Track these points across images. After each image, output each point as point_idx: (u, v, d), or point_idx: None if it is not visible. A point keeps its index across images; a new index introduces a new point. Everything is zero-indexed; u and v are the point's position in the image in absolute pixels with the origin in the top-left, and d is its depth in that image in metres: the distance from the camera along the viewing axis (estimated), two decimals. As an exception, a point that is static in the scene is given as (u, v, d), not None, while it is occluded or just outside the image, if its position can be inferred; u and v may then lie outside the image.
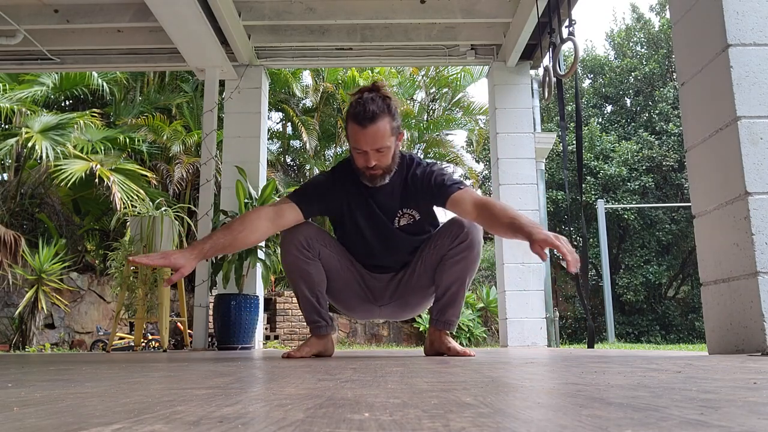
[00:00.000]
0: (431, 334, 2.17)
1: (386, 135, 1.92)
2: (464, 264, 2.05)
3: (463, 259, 2.04)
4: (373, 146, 1.92)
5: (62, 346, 6.80)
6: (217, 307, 4.26)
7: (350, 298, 2.24)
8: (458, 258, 2.04)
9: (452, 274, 2.06)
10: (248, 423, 0.49)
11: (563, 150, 3.86)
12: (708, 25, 2.01)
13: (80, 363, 1.89)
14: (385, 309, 2.30)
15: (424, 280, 2.15)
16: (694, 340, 10.24)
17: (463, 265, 2.05)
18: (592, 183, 11.51)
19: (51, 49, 4.88)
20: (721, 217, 1.93)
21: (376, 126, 1.89)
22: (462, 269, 2.05)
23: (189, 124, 8.59)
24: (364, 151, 1.93)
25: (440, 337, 2.13)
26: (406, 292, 2.20)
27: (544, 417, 0.51)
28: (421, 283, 2.16)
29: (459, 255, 2.04)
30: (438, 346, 2.13)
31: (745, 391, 0.70)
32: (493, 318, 8.91)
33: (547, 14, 3.78)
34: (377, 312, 2.33)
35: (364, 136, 1.91)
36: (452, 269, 2.05)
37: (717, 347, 1.93)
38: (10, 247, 4.34)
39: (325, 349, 2.18)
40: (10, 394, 0.77)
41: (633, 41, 13.91)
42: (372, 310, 2.31)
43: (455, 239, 2.04)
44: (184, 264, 1.78)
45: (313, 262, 2.08)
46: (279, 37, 4.83)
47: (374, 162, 1.94)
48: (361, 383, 0.88)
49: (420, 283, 2.17)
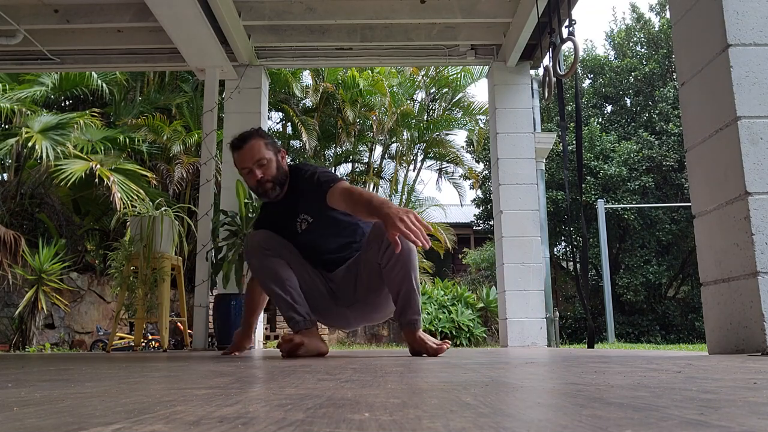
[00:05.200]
0: (406, 336, 2.21)
1: (261, 148, 2.22)
2: (400, 264, 2.10)
3: (397, 261, 2.10)
4: (253, 160, 2.21)
5: (62, 346, 6.80)
6: (217, 307, 4.26)
7: (318, 297, 2.32)
8: (393, 261, 2.10)
9: (395, 278, 2.13)
10: (248, 423, 0.49)
11: (563, 150, 3.86)
12: (708, 25, 2.01)
13: (80, 363, 1.89)
14: (355, 310, 2.38)
15: (376, 281, 2.23)
16: (694, 340, 10.23)
17: (399, 266, 2.10)
18: (592, 183, 11.50)
19: (51, 49, 4.88)
20: (721, 217, 1.93)
21: (249, 144, 2.22)
22: (401, 270, 2.11)
23: (189, 124, 8.59)
24: (250, 168, 2.22)
25: (413, 337, 2.17)
26: (366, 292, 2.29)
27: (544, 417, 0.51)
28: (374, 283, 2.25)
29: (392, 258, 2.10)
30: (416, 347, 2.17)
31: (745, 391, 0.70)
32: (493, 318, 8.90)
33: (547, 14, 3.78)
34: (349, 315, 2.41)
35: (242, 154, 2.23)
36: (392, 273, 2.12)
37: (717, 347, 1.93)
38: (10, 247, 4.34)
39: (315, 346, 2.19)
40: (10, 394, 0.77)
41: (633, 41, 13.90)
42: (343, 313, 2.39)
43: (380, 246, 2.12)
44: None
45: (278, 260, 2.21)
46: (279, 37, 4.83)
47: (260, 174, 2.20)
48: (361, 383, 0.88)
49: (373, 283, 2.25)
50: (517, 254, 4.54)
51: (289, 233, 2.29)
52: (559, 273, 12.79)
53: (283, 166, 2.27)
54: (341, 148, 11.40)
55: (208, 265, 4.26)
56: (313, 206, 2.24)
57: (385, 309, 2.39)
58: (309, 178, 2.23)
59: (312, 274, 2.32)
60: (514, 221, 4.59)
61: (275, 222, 2.32)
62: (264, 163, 2.20)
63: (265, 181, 2.21)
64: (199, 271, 4.25)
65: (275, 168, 2.23)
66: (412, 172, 12.17)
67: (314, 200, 2.22)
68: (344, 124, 10.54)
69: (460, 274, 13.00)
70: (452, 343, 8.19)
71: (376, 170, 11.86)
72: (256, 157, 2.20)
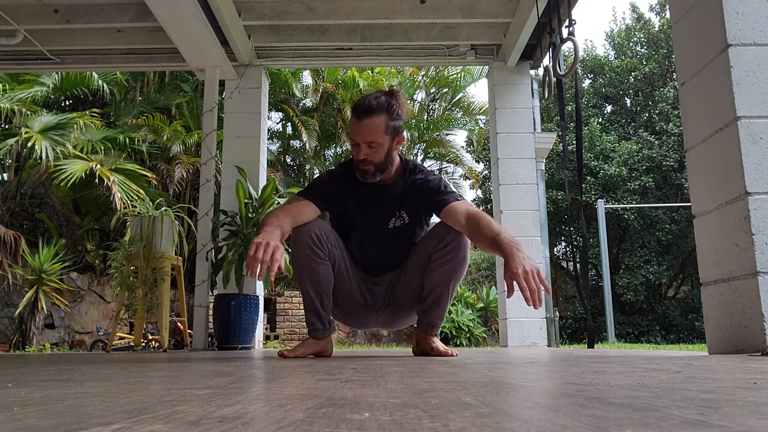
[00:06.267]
0: (417, 335, 2.19)
1: (379, 131, 1.99)
2: (450, 266, 2.05)
3: (449, 261, 2.05)
4: (365, 139, 2.00)
5: (62, 346, 6.80)
6: (217, 307, 4.25)
7: (350, 302, 2.24)
8: (444, 260, 2.05)
9: (438, 276, 2.07)
10: (248, 423, 0.49)
11: (563, 150, 3.86)
12: (708, 25, 2.01)
13: (80, 363, 1.89)
14: (382, 315, 2.30)
15: (415, 282, 2.15)
16: (694, 340, 10.23)
17: (449, 267, 2.05)
18: (592, 183, 11.50)
19: (51, 49, 4.88)
20: (721, 217, 1.93)
21: (370, 120, 1.98)
22: (448, 271, 2.06)
23: (189, 124, 8.59)
24: (357, 143, 2.02)
25: (425, 337, 2.15)
26: (399, 296, 2.21)
27: (544, 417, 0.51)
28: (412, 285, 2.16)
29: (445, 257, 2.04)
30: (423, 347, 2.15)
31: (745, 391, 0.70)
32: (493, 318, 8.90)
33: (547, 14, 3.78)
34: (373, 319, 2.33)
35: (358, 128, 2.00)
36: (438, 271, 2.06)
37: (717, 347, 1.93)
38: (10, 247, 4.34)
39: (324, 350, 2.17)
40: (10, 394, 0.77)
41: (633, 41, 13.90)
42: (368, 317, 2.31)
43: (442, 241, 2.06)
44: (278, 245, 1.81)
45: (323, 263, 2.07)
46: (279, 37, 4.83)
47: (364, 155, 2.01)
48: (361, 383, 0.88)
49: (411, 285, 2.17)
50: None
51: (375, 222, 2.14)
52: (559, 273, 12.78)
53: (394, 154, 2.09)
54: (341, 148, 11.39)
55: (208, 265, 4.26)
56: (418, 209, 2.15)
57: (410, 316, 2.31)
58: (428, 182, 2.10)
59: (354, 279, 2.20)
60: (514, 221, 4.59)
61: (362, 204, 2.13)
62: (374, 147, 2.01)
63: (369, 162, 2.03)
64: (199, 271, 4.25)
65: (384, 154, 2.04)
66: (412, 172, 12.16)
67: (422, 204, 2.13)
68: (344, 124, 10.54)
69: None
70: (452, 343, 8.20)
71: (376, 170, 11.85)
72: (370, 138, 1.99)
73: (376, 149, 2.01)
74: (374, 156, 2.02)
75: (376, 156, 2.02)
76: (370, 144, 2.00)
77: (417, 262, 2.13)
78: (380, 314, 2.29)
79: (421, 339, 2.16)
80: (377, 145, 2.00)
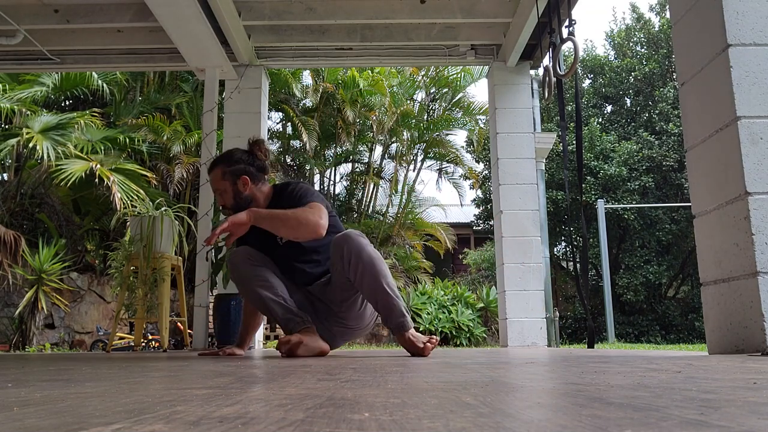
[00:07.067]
0: (397, 339, 2.22)
1: (218, 179, 2.38)
2: (369, 273, 2.13)
3: (364, 271, 2.13)
4: (214, 188, 2.42)
5: (62, 346, 6.80)
6: (217, 307, 4.25)
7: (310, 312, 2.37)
8: (359, 273, 2.14)
9: (368, 289, 2.18)
10: (248, 423, 0.49)
11: (563, 150, 3.86)
12: (708, 25, 2.01)
13: (80, 363, 1.89)
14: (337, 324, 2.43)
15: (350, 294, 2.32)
16: (694, 340, 10.23)
17: (368, 275, 2.14)
18: (592, 183, 11.50)
19: (51, 49, 4.88)
20: (721, 217, 1.93)
21: (211, 174, 2.40)
22: (371, 278, 2.14)
23: (189, 124, 8.59)
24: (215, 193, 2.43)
25: (404, 338, 2.18)
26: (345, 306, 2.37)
27: (544, 417, 0.51)
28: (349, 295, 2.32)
29: (358, 271, 2.14)
30: (407, 346, 2.18)
31: (745, 391, 0.70)
32: (493, 318, 8.90)
33: (547, 14, 3.78)
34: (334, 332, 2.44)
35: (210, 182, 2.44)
36: (363, 284, 2.17)
37: (717, 347, 1.93)
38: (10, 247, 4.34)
39: (315, 344, 2.16)
40: (10, 394, 0.77)
41: (633, 41, 13.89)
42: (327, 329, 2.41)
43: (343, 259, 2.18)
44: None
45: (264, 268, 2.29)
46: (279, 37, 4.83)
47: (219, 202, 2.41)
48: (361, 383, 0.88)
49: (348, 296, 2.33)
50: (517, 254, 4.54)
51: (269, 246, 2.37)
52: (559, 273, 12.78)
53: (244, 193, 2.37)
54: (341, 148, 11.39)
55: (208, 265, 4.26)
56: None
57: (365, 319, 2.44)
58: (290, 193, 2.35)
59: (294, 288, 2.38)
60: (514, 221, 4.59)
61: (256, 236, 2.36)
62: (220, 192, 2.38)
63: (225, 207, 2.40)
64: (199, 271, 4.25)
65: (232, 197, 2.37)
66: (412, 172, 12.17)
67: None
68: (344, 124, 10.55)
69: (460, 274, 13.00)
70: (452, 343, 8.20)
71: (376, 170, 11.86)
72: (214, 186, 2.40)
73: (222, 195, 2.38)
74: (225, 200, 2.38)
75: (227, 199, 2.37)
76: (217, 191, 2.39)
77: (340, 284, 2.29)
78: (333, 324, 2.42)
79: (402, 341, 2.20)
80: (221, 191, 2.37)
